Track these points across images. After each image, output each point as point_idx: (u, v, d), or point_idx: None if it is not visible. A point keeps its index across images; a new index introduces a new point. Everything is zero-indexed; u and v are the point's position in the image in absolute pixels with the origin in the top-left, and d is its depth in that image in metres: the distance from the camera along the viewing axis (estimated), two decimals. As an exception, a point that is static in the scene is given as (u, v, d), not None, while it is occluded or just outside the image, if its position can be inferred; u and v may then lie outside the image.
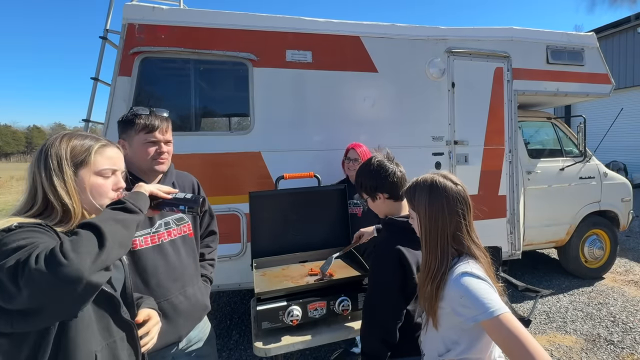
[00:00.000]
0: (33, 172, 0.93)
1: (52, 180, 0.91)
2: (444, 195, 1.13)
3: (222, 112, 3.65)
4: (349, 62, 3.08)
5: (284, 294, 1.63)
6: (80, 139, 0.99)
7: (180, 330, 1.44)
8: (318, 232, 2.15)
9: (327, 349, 2.93)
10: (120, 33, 2.68)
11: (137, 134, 1.40)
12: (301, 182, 2.70)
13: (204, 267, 1.66)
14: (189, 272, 1.51)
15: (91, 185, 0.98)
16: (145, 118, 1.40)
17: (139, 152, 1.41)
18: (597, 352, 2.89)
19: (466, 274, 1.05)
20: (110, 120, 2.61)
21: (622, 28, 11.58)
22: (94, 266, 0.76)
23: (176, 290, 1.44)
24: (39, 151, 0.95)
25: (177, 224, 1.49)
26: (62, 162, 0.94)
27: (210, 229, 1.73)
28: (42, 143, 0.97)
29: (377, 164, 1.50)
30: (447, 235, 1.12)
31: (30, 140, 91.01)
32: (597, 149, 4.71)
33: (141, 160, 1.42)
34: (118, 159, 1.05)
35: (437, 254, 1.12)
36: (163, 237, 1.44)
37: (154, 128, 1.41)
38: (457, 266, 1.10)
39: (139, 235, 1.37)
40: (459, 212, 1.13)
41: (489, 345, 1.08)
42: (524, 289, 2.69)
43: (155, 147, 1.42)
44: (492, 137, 3.53)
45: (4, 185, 19.32)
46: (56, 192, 0.91)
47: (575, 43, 3.82)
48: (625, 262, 4.82)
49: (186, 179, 1.64)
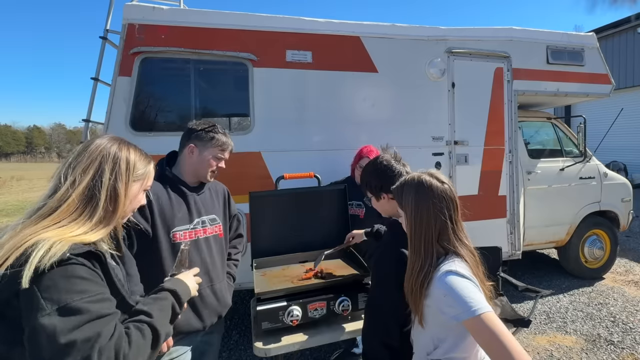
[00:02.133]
0: (92, 176, 0.91)
1: (116, 184, 0.93)
2: (430, 195, 1.14)
3: (222, 112, 3.65)
4: (349, 62, 3.08)
5: (284, 294, 1.63)
6: (139, 151, 1.04)
7: (205, 320, 1.54)
8: (318, 232, 2.15)
9: (327, 349, 2.93)
10: (120, 33, 2.68)
11: (213, 147, 1.57)
12: (301, 182, 2.70)
13: (229, 266, 1.77)
14: (217, 269, 1.62)
15: (137, 199, 1.02)
16: (224, 137, 1.60)
17: (205, 162, 1.57)
18: (597, 352, 2.89)
19: (450, 273, 1.05)
20: (110, 121, 2.61)
21: (622, 28, 11.58)
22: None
23: (205, 284, 1.53)
24: (96, 154, 0.93)
25: (211, 223, 1.62)
26: (130, 168, 0.97)
27: (238, 232, 1.86)
28: (90, 147, 0.94)
29: (384, 163, 1.50)
30: (432, 234, 1.12)
31: (30, 140, 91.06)
32: (597, 149, 4.71)
33: (202, 169, 1.58)
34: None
35: (421, 252, 1.12)
36: (200, 234, 1.56)
37: (227, 148, 1.62)
38: (442, 265, 1.10)
39: (180, 229, 1.49)
40: (444, 211, 1.13)
41: (474, 344, 1.08)
42: (524, 289, 2.68)
43: (219, 162, 1.61)
44: (492, 137, 3.53)
45: (4, 185, 19.32)
46: (116, 196, 0.92)
47: (575, 43, 3.82)
48: (625, 263, 4.81)
49: (218, 186, 1.78)
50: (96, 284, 0.82)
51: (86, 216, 0.88)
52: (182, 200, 1.54)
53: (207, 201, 1.64)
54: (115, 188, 0.93)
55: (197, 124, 1.59)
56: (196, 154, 1.56)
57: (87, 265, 0.82)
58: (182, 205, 1.53)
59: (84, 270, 0.81)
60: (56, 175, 0.91)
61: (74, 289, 0.77)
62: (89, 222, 0.88)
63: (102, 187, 0.91)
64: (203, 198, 1.63)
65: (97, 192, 0.90)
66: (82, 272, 0.80)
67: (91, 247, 0.84)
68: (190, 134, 1.58)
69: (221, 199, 1.74)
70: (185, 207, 1.54)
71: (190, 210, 1.55)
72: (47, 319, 0.72)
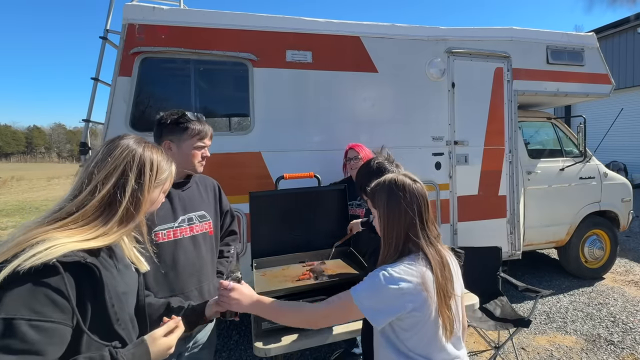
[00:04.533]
0: (114, 183, 0.88)
1: (140, 190, 0.91)
2: (401, 194, 1.14)
3: (222, 112, 3.65)
4: (349, 62, 3.08)
5: (284, 294, 1.63)
6: (163, 154, 1.01)
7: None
8: (318, 232, 2.15)
9: (327, 349, 2.93)
10: (120, 33, 2.68)
11: (190, 138, 1.48)
12: (301, 182, 2.71)
13: (222, 264, 1.69)
14: (206, 269, 1.54)
15: (157, 202, 1.00)
16: (198, 124, 1.49)
17: (188, 156, 1.49)
18: (597, 353, 2.89)
19: (383, 269, 1.06)
20: (110, 121, 2.61)
21: (622, 28, 11.57)
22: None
23: (192, 285, 1.47)
24: (121, 159, 0.90)
25: (199, 220, 1.54)
26: (154, 174, 0.94)
27: (231, 228, 1.78)
28: (115, 151, 0.91)
29: (377, 165, 1.51)
30: (402, 234, 1.12)
31: (30, 140, 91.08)
32: (597, 149, 4.71)
33: (187, 163, 1.49)
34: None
35: (391, 250, 1.12)
36: (185, 232, 1.48)
37: (206, 135, 1.52)
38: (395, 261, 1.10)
39: (161, 229, 1.42)
40: (414, 207, 1.12)
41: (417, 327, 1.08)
42: (524, 289, 2.68)
43: (202, 151, 1.53)
44: (492, 137, 3.53)
45: (4, 185, 19.32)
46: (138, 202, 0.90)
47: (575, 43, 3.82)
48: (625, 263, 4.81)
49: (208, 181, 1.69)
50: (57, 309, 0.75)
51: (101, 223, 0.86)
52: (165, 198, 1.46)
53: (194, 197, 1.55)
54: (138, 194, 0.91)
55: (166, 116, 1.48)
56: (174, 149, 1.46)
57: (64, 281, 0.76)
58: (164, 202, 1.39)
59: (54, 289, 0.75)
60: (78, 178, 0.89)
61: (31, 305, 0.72)
62: (103, 227, 0.85)
63: (124, 193, 0.88)
64: (189, 194, 1.54)
65: (119, 198, 0.88)
66: (49, 291, 0.74)
67: (82, 259, 0.79)
68: (161, 130, 1.48)
69: (211, 194, 1.65)
70: (169, 205, 1.45)
71: (174, 207, 1.47)
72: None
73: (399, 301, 1.03)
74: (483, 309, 2.74)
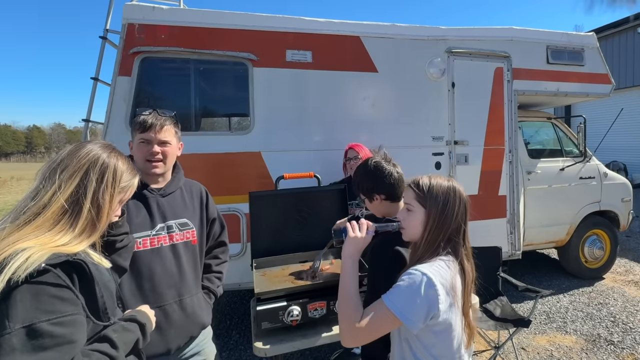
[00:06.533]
0: (77, 184, 0.87)
1: (101, 194, 0.89)
2: (458, 202, 1.19)
3: (222, 112, 3.65)
4: (349, 62, 3.08)
5: (284, 294, 1.63)
6: (129, 164, 1.00)
7: (169, 342, 1.36)
8: (318, 232, 2.14)
9: (327, 349, 2.92)
10: (120, 33, 2.68)
11: (136, 133, 1.38)
12: (301, 182, 2.70)
13: (210, 279, 1.58)
14: (187, 281, 1.43)
15: (115, 210, 0.98)
16: (148, 116, 1.37)
17: (136, 152, 1.39)
18: (597, 353, 2.89)
19: (423, 274, 1.05)
20: (110, 120, 2.60)
21: (622, 28, 11.57)
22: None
23: (171, 299, 1.38)
24: (84, 160, 0.90)
25: (180, 228, 1.44)
26: (116, 179, 0.93)
27: (220, 239, 1.65)
28: (80, 152, 0.91)
29: (374, 165, 1.51)
30: (446, 237, 1.16)
31: (30, 140, 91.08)
32: (597, 149, 4.71)
33: (138, 161, 1.38)
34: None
35: (430, 251, 1.14)
36: (163, 241, 1.39)
37: (146, 127, 1.35)
38: (430, 259, 1.11)
39: (138, 236, 1.34)
40: (465, 218, 1.20)
41: (441, 335, 1.10)
42: (524, 289, 2.68)
43: (148, 147, 1.36)
44: (492, 137, 3.53)
45: (4, 185, 19.32)
46: (100, 206, 0.89)
47: (576, 43, 3.82)
48: (625, 262, 4.81)
49: (194, 186, 1.59)
50: (67, 303, 0.77)
51: (68, 225, 0.85)
52: (142, 204, 1.36)
53: (176, 203, 1.45)
54: (99, 198, 0.89)
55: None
56: (133, 148, 1.39)
57: (61, 278, 0.77)
58: (140, 209, 1.36)
59: (56, 286, 0.76)
60: (40, 175, 0.88)
61: (42, 307, 0.73)
62: (71, 231, 0.85)
63: (86, 196, 0.87)
64: (171, 200, 1.44)
65: (81, 201, 0.87)
66: (53, 289, 0.75)
67: (69, 257, 0.80)
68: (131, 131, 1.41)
69: (197, 201, 1.54)
70: (145, 211, 1.37)
71: (151, 214, 1.38)
72: (7, 338, 0.69)
73: (434, 303, 1.04)
74: (483, 309, 2.74)
